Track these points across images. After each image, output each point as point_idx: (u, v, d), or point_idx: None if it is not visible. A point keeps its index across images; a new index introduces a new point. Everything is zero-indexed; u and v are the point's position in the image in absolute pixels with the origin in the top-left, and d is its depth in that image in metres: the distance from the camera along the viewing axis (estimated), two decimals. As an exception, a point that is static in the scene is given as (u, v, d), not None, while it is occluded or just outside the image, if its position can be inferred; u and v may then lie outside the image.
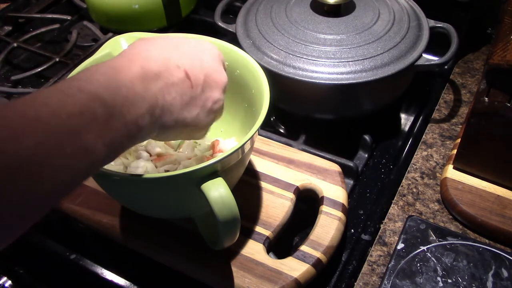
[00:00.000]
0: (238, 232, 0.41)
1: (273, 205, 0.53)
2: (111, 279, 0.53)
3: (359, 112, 0.65)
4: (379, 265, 0.51)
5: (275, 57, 0.60)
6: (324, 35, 0.61)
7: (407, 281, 0.48)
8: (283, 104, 0.65)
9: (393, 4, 0.66)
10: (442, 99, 0.70)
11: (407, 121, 0.69)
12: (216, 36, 0.53)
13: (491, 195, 0.55)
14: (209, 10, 0.86)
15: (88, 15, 0.85)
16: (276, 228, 0.51)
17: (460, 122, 0.66)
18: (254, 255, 0.49)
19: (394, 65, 0.59)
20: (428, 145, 0.63)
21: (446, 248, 0.50)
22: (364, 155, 0.63)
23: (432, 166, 0.61)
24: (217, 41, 0.52)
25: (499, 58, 0.48)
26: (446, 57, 0.60)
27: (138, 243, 0.51)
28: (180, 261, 0.49)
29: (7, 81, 0.75)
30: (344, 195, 0.53)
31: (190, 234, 0.50)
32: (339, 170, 0.56)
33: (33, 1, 0.93)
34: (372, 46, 0.60)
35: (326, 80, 0.58)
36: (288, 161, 0.57)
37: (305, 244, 0.49)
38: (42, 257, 0.56)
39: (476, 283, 0.47)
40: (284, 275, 0.47)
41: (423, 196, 0.57)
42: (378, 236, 0.54)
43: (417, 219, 0.53)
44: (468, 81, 0.72)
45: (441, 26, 0.65)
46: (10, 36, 0.86)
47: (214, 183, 0.39)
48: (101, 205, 0.53)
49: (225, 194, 0.39)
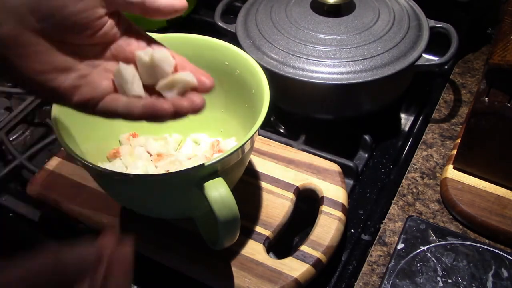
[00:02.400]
0: (238, 232, 0.41)
1: (273, 205, 0.53)
2: (111, 279, 0.53)
3: (359, 112, 0.65)
4: (379, 265, 0.51)
5: (275, 57, 0.60)
6: (324, 35, 0.61)
7: (407, 281, 0.48)
8: (283, 104, 0.65)
9: (393, 4, 0.66)
10: (442, 99, 0.70)
11: (407, 121, 0.69)
12: (216, 36, 0.53)
13: (491, 195, 0.55)
14: (209, 10, 0.86)
15: (88, 15, 0.85)
16: (276, 228, 0.51)
17: (460, 122, 0.66)
18: (254, 255, 0.49)
19: (394, 65, 0.59)
20: (428, 145, 0.63)
21: (446, 248, 0.50)
22: (364, 155, 0.63)
23: (432, 166, 0.61)
24: (217, 41, 0.52)
25: (499, 58, 0.48)
26: (446, 57, 0.60)
27: (138, 243, 0.51)
28: (180, 261, 0.49)
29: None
30: (344, 195, 0.53)
31: (190, 234, 0.50)
32: (339, 170, 0.56)
33: (33, 1, 0.92)
34: (372, 46, 0.60)
35: (326, 80, 0.58)
36: (288, 161, 0.57)
37: (305, 244, 0.49)
38: (42, 257, 0.56)
39: (476, 283, 0.47)
40: (284, 275, 0.47)
41: (423, 196, 0.57)
42: (378, 236, 0.54)
43: (417, 219, 0.53)
44: (468, 81, 0.72)
45: (441, 26, 0.65)
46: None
47: (214, 183, 0.39)
48: (101, 205, 0.53)
49: (225, 194, 0.39)
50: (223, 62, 0.52)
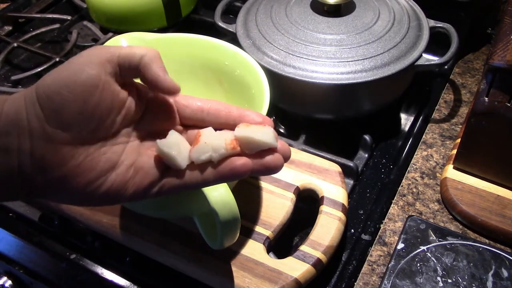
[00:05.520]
0: (238, 232, 0.41)
1: (273, 205, 0.53)
2: (111, 279, 0.53)
3: (359, 112, 0.65)
4: (379, 265, 0.51)
5: (275, 57, 0.60)
6: (324, 35, 0.61)
7: (407, 281, 0.48)
8: (283, 104, 0.65)
9: (393, 4, 0.66)
10: (442, 99, 0.70)
11: (407, 121, 0.69)
12: (216, 36, 0.53)
13: (491, 195, 0.55)
14: (209, 10, 0.86)
15: (88, 15, 0.85)
16: (276, 228, 0.51)
17: (460, 122, 0.66)
18: (254, 255, 0.49)
19: (394, 65, 0.59)
20: (428, 145, 0.63)
21: (446, 248, 0.50)
22: (364, 155, 0.63)
23: (432, 166, 0.61)
24: (217, 41, 0.52)
25: (499, 58, 0.48)
26: (446, 57, 0.60)
27: (138, 243, 0.51)
28: (180, 261, 0.49)
29: (7, 81, 0.75)
30: (344, 195, 0.53)
31: (190, 234, 0.50)
32: (339, 170, 0.56)
33: (33, 1, 0.93)
34: (372, 46, 0.60)
35: (326, 80, 0.58)
36: (288, 161, 0.57)
37: (305, 244, 0.49)
38: (42, 257, 0.56)
39: (476, 283, 0.47)
40: (284, 275, 0.47)
41: (423, 196, 0.57)
42: (378, 236, 0.54)
43: (417, 219, 0.53)
44: (468, 81, 0.72)
45: (441, 26, 0.65)
46: (10, 36, 0.86)
47: (214, 183, 0.39)
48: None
49: (225, 194, 0.39)
50: (223, 62, 0.52)
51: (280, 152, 0.34)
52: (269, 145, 0.34)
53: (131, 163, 0.34)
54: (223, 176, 0.33)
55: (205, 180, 0.34)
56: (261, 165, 0.33)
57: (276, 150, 0.34)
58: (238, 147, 0.33)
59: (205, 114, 0.37)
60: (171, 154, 0.33)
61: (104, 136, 0.33)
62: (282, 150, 0.34)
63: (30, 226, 0.58)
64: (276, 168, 0.34)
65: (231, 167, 0.33)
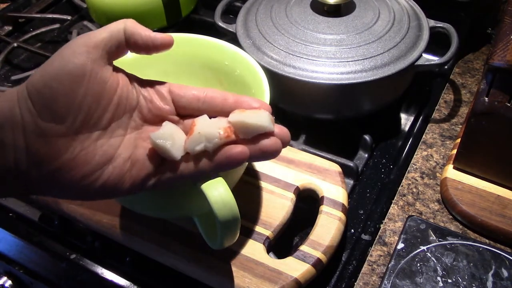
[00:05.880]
0: (238, 232, 0.41)
1: (273, 205, 0.53)
2: (111, 279, 0.53)
3: (359, 112, 0.65)
4: (379, 265, 0.51)
5: (275, 57, 0.60)
6: (324, 35, 0.61)
7: (407, 281, 0.48)
8: (283, 104, 0.65)
9: (393, 4, 0.66)
10: (442, 99, 0.70)
11: (407, 121, 0.69)
12: (216, 36, 0.53)
13: (491, 195, 0.55)
14: (209, 10, 0.86)
15: (88, 15, 0.85)
16: (276, 228, 0.51)
17: (460, 122, 0.66)
18: (254, 255, 0.49)
19: (394, 65, 0.59)
20: (428, 145, 0.63)
21: (446, 248, 0.50)
22: (364, 155, 0.63)
23: (432, 166, 0.61)
24: (217, 41, 0.52)
25: (499, 58, 0.48)
26: (446, 57, 0.60)
27: (138, 243, 0.51)
28: (180, 261, 0.49)
29: (7, 81, 0.75)
30: (344, 195, 0.53)
31: (190, 234, 0.50)
32: (339, 170, 0.56)
33: (33, 1, 0.93)
34: (372, 46, 0.60)
35: (326, 80, 0.58)
36: (288, 161, 0.57)
37: (305, 244, 0.49)
38: (42, 257, 0.56)
39: (476, 283, 0.47)
40: (284, 275, 0.47)
41: (423, 196, 0.57)
42: (378, 236, 0.54)
43: (417, 219, 0.53)
44: (468, 81, 0.72)
45: (441, 26, 0.65)
46: (10, 36, 0.86)
47: (214, 183, 0.39)
48: (101, 205, 0.53)
49: (225, 194, 0.39)
50: (223, 62, 0.52)
51: (278, 136, 0.33)
52: (265, 129, 0.33)
53: (128, 156, 0.34)
54: (220, 165, 0.33)
55: (201, 170, 0.33)
56: (258, 150, 0.33)
57: (273, 134, 0.33)
58: (233, 135, 0.33)
59: (201, 103, 0.36)
60: (165, 146, 0.33)
61: (97, 125, 0.33)
62: (280, 134, 0.34)
63: (30, 226, 0.58)
64: (274, 152, 0.33)
65: (227, 155, 0.33)
